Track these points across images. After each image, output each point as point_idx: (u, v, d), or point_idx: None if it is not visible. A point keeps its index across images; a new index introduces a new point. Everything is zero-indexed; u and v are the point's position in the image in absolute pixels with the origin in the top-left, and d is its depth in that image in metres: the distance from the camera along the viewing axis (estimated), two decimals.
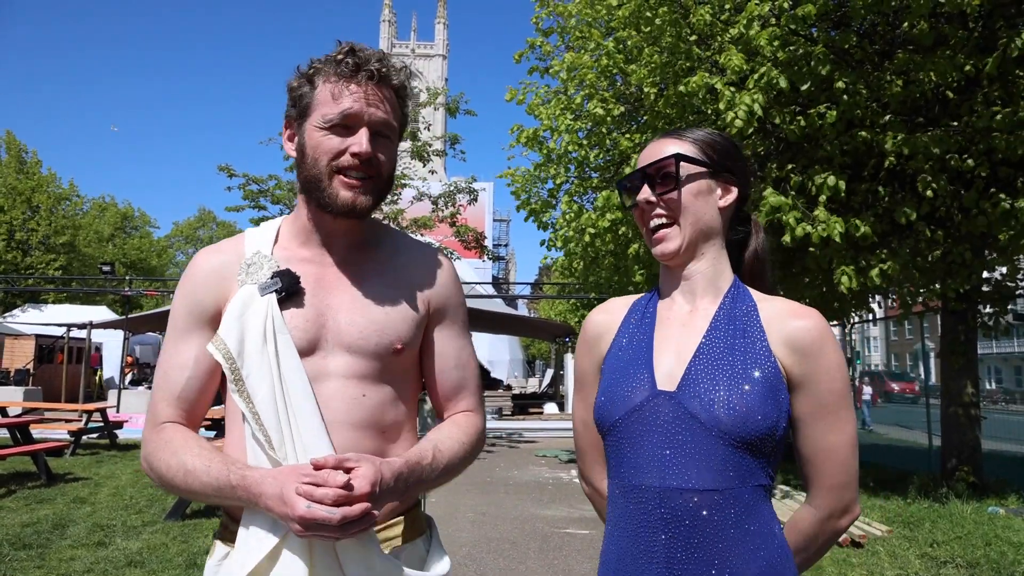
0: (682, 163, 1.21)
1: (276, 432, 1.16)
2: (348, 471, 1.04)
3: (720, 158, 1.24)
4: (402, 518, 1.27)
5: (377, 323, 1.25)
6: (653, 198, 1.22)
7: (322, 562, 1.13)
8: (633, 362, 1.20)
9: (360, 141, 1.19)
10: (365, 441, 1.21)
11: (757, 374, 1.12)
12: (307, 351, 1.21)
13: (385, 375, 1.26)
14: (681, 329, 1.21)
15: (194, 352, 1.23)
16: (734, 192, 1.25)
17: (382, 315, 1.26)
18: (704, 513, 1.08)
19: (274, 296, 1.21)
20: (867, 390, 18.88)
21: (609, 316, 1.32)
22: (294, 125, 1.27)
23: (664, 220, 1.21)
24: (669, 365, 1.17)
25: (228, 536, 1.21)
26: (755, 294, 1.23)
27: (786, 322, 1.16)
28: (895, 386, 32.08)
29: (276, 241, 1.31)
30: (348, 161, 1.20)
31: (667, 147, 1.24)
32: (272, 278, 1.22)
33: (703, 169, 1.22)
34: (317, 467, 1.04)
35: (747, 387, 1.11)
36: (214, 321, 1.24)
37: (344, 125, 1.20)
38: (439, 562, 1.28)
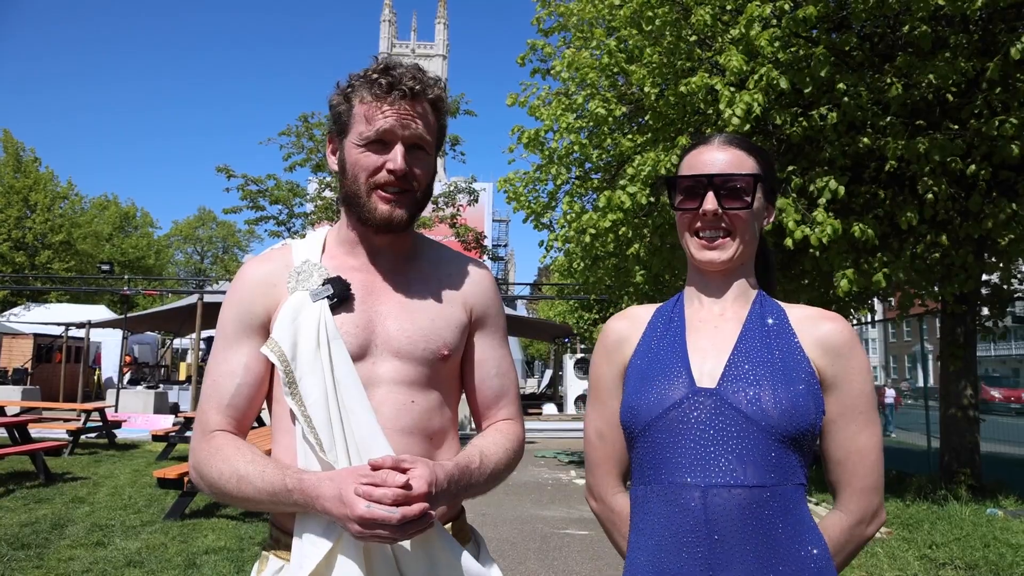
0: (759, 184, 1.22)
1: (327, 435, 1.17)
2: (404, 472, 1.04)
3: (775, 180, 1.27)
4: (449, 526, 1.27)
5: (424, 329, 1.27)
6: (720, 210, 1.20)
7: (379, 562, 1.13)
8: (667, 362, 1.20)
9: (395, 158, 1.22)
10: (413, 447, 1.21)
11: (797, 371, 1.13)
12: (357, 356, 1.22)
13: (432, 382, 1.28)
14: (714, 331, 1.21)
15: (244, 359, 1.24)
16: (773, 212, 1.29)
17: (428, 322, 1.28)
18: (749, 512, 1.07)
19: (326, 302, 1.23)
20: (889, 392, 18.79)
21: (630, 323, 1.31)
22: (336, 141, 1.31)
23: (722, 232, 1.21)
24: (707, 364, 1.17)
25: (280, 548, 1.21)
26: (778, 301, 1.25)
27: (817, 325, 1.19)
28: (996, 394, 23.81)
29: (323, 251, 1.33)
30: (385, 177, 1.23)
31: (740, 158, 1.23)
32: (323, 285, 1.24)
33: (766, 191, 1.25)
34: (375, 467, 1.05)
35: (791, 382, 1.11)
36: (263, 329, 1.25)
37: (380, 142, 1.23)
38: (491, 572, 1.27)
